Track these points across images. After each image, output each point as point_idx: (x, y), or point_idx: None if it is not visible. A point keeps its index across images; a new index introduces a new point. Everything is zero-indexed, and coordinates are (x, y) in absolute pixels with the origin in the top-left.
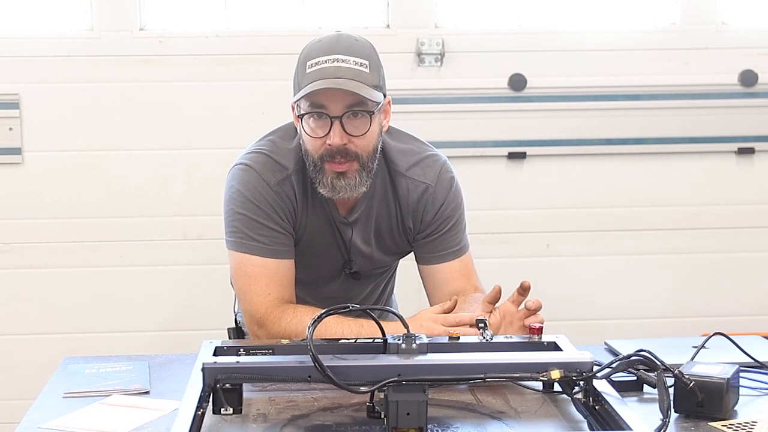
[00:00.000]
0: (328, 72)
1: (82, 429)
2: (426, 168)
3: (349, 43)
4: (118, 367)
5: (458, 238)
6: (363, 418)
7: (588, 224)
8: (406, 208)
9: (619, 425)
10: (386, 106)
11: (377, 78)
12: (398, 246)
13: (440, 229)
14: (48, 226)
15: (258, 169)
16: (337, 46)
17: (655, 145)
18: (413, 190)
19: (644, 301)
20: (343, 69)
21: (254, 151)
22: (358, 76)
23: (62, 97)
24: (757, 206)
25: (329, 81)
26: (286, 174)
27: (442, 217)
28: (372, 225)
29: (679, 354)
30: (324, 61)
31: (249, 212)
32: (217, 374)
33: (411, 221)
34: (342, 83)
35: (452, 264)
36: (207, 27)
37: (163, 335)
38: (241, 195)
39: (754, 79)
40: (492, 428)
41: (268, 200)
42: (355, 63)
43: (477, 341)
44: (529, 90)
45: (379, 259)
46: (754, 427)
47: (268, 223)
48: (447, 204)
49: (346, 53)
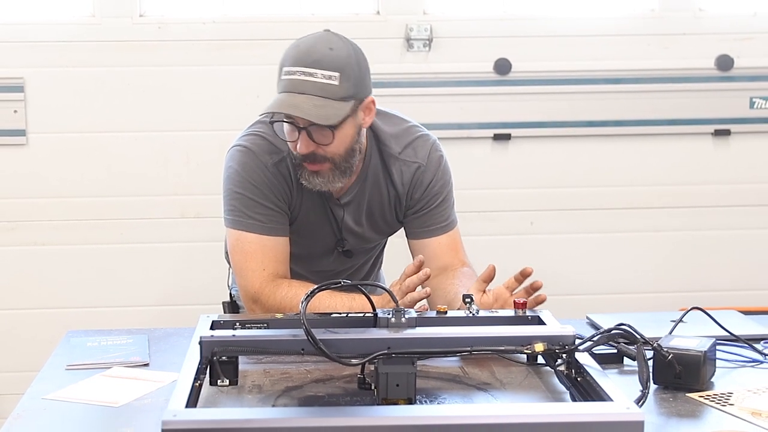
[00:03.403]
0: (294, 85)
1: (84, 400)
2: (417, 148)
3: (323, 53)
4: (119, 341)
5: (446, 213)
6: (354, 390)
7: (570, 203)
8: (401, 188)
9: (600, 396)
10: (369, 104)
11: (347, 88)
12: (389, 225)
13: (429, 205)
14: (51, 205)
15: (255, 151)
16: (308, 57)
17: (635, 127)
18: (406, 171)
19: (624, 277)
20: (308, 84)
21: (251, 133)
22: (322, 90)
23: (65, 81)
24: (733, 186)
25: (291, 98)
26: (281, 156)
27: (431, 193)
28: (364, 207)
29: (657, 328)
30: (293, 72)
31: (246, 192)
32: (213, 347)
33: (404, 200)
34: (300, 103)
35: (440, 239)
36: (204, 13)
37: (162, 309)
38: (238, 175)
39: (729, 64)
40: (478, 399)
41: (264, 180)
42: (323, 76)
43: (464, 315)
44: (513, 74)
45: (370, 238)
46: (730, 398)
47: (265, 202)
48: (435, 181)
49: (315, 66)
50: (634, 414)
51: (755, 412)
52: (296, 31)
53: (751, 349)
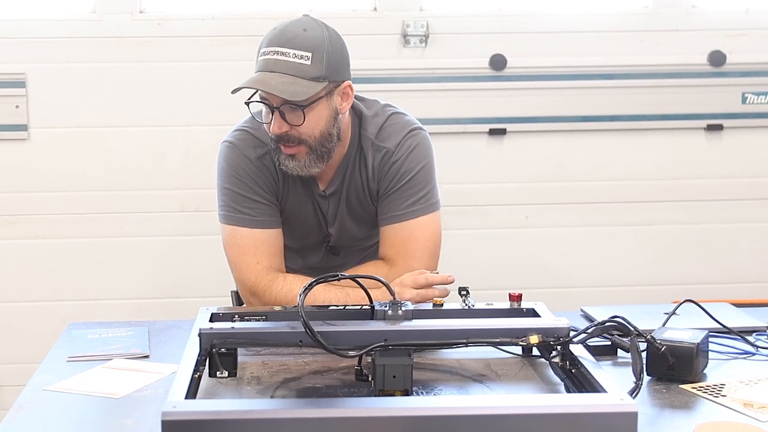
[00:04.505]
0: (267, 64)
1: (85, 391)
2: (392, 134)
3: (295, 33)
4: (119, 333)
5: (401, 203)
6: (351, 381)
7: (565, 197)
8: (371, 174)
9: (595, 387)
10: (346, 88)
11: (319, 69)
12: (368, 214)
13: (388, 191)
14: (52, 198)
15: (240, 146)
16: (281, 37)
17: (629, 122)
18: (377, 155)
19: (618, 270)
20: (280, 63)
21: (237, 128)
22: (293, 69)
23: (66, 77)
24: (725, 180)
25: (261, 75)
26: (266, 149)
27: (392, 179)
28: (344, 195)
29: (651, 320)
30: (267, 52)
31: (233, 186)
32: (213, 339)
33: (376, 185)
34: (272, 80)
35: (388, 228)
36: (204, 10)
37: (162, 302)
38: (224, 171)
39: (722, 60)
40: (474, 390)
41: (249, 174)
42: (295, 56)
43: (460, 308)
44: (509, 70)
45: (352, 229)
46: (723, 389)
47: (252, 195)
48: (398, 167)
49: (287, 45)
50: (628, 405)
51: (747, 403)
52: None
53: (743, 341)
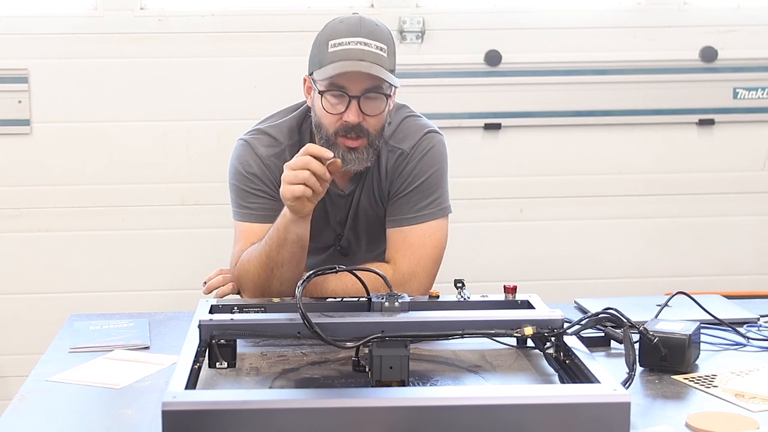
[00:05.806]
0: (352, 54)
1: (87, 382)
2: (409, 136)
3: (372, 27)
4: (121, 324)
5: (411, 206)
6: (349, 372)
7: (559, 191)
8: (384, 174)
9: (588, 378)
10: None
11: (393, 62)
12: (378, 215)
13: (399, 193)
14: (55, 192)
15: (252, 144)
16: (360, 29)
17: (622, 116)
18: (391, 157)
19: (611, 263)
20: (366, 52)
21: (254, 128)
22: (378, 60)
23: (68, 72)
24: (717, 174)
25: (354, 63)
26: (281, 147)
27: (404, 181)
28: (358, 196)
29: (644, 312)
30: (348, 43)
31: (239, 182)
32: (212, 331)
33: (388, 186)
34: (367, 66)
35: (396, 231)
36: (204, 6)
37: (163, 294)
38: (234, 168)
39: (713, 55)
40: (469, 381)
41: (256, 171)
42: (377, 47)
43: (456, 300)
44: (503, 65)
45: (362, 230)
46: (714, 380)
47: (257, 192)
48: (411, 169)
49: (369, 37)
50: (621, 395)
51: (738, 394)
52: (293, 24)
53: (735, 333)
